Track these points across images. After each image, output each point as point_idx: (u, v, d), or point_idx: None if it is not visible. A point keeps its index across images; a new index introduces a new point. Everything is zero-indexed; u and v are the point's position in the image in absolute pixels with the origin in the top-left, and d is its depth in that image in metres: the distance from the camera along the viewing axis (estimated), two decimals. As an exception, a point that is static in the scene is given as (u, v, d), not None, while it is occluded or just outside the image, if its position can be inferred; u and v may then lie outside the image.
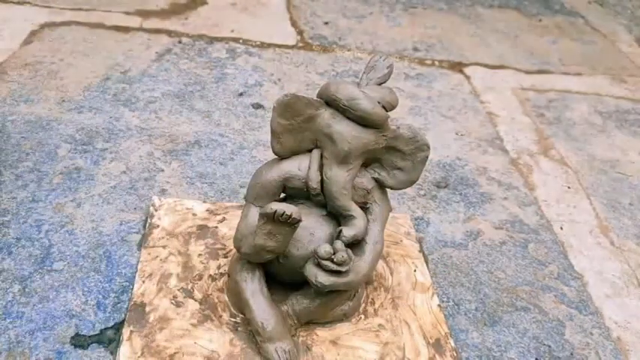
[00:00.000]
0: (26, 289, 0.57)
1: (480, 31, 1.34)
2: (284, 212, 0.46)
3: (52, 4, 1.12)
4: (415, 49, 1.20)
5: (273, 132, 0.50)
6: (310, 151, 0.52)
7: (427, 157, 0.53)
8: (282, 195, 0.54)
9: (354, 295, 0.58)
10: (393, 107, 0.51)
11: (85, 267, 0.61)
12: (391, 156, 0.53)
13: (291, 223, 0.48)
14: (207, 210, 0.69)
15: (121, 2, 1.17)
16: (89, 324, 0.55)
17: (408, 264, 0.66)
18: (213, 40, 1.10)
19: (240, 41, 1.12)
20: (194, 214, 0.68)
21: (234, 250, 0.55)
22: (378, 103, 0.49)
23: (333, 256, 0.50)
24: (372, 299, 0.61)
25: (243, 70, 1.02)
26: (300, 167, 0.52)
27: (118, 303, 0.57)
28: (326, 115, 0.51)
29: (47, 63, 0.94)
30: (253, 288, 0.54)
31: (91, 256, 0.62)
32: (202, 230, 0.66)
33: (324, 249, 0.50)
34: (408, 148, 0.52)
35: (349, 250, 0.51)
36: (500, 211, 0.80)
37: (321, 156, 0.52)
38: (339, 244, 0.50)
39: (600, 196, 0.86)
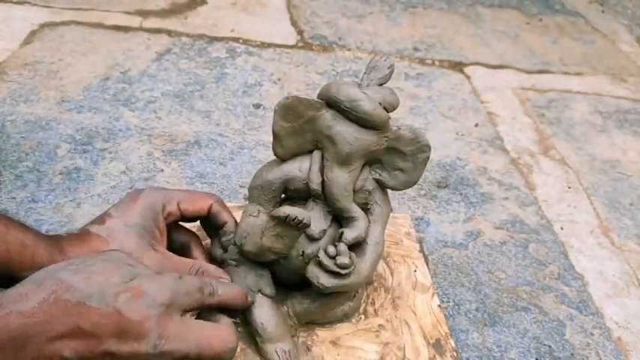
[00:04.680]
0: (26, 290, 0.57)
1: (481, 31, 1.34)
2: (296, 217, 0.47)
3: (52, 4, 1.12)
4: (415, 49, 1.20)
5: (275, 135, 0.50)
6: (311, 152, 0.52)
7: (428, 158, 0.52)
8: (282, 196, 0.54)
9: (355, 295, 0.58)
10: (394, 108, 0.51)
11: (85, 267, 0.60)
12: (392, 157, 0.52)
13: (301, 228, 0.48)
14: (207, 210, 0.69)
15: (120, 2, 1.17)
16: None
17: (408, 264, 0.66)
18: (213, 39, 1.10)
19: (240, 41, 1.12)
20: (194, 215, 0.68)
21: (235, 251, 0.55)
22: (380, 104, 0.49)
23: (335, 258, 0.50)
24: (373, 299, 0.61)
25: (243, 70, 1.02)
26: (301, 169, 0.52)
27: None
28: (327, 117, 0.50)
29: (47, 63, 0.94)
30: (253, 288, 0.54)
31: (91, 256, 0.62)
32: (202, 230, 0.65)
33: (328, 251, 0.50)
34: (409, 149, 0.52)
35: (353, 255, 0.51)
36: (500, 211, 0.80)
37: (322, 157, 0.52)
38: (342, 247, 0.50)
39: (601, 196, 0.86)
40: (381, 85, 0.52)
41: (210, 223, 0.56)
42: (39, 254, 0.47)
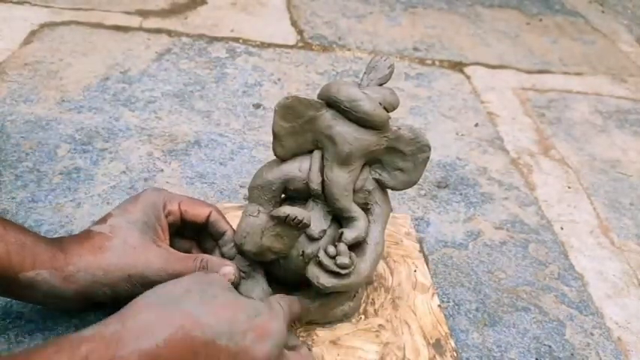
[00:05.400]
0: (26, 290, 0.57)
1: (481, 31, 1.34)
2: (295, 217, 0.47)
3: (52, 4, 1.12)
4: (415, 49, 1.20)
5: (275, 135, 0.50)
6: (311, 152, 0.52)
7: (428, 158, 0.53)
8: (282, 196, 0.54)
9: (355, 295, 0.58)
10: (394, 108, 0.51)
11: (85, 267, 0.60)
12: (392, 157, 0.52)
13: (301, 228, 0.48)
14: (207, 210, 0.69)
15: (120, 2, 1.17)
16: (88, 324, 0.55)
17: (408, 264, 0.66)
18: (213, 39, 1.10)
19: (240, 41, 1.12)
20: (194, 215, 0.68)
21: (234, 251, 0.55)
22: (380, 104, 0.49)
23: (335, 258, 0.50)
24: (373, 299, 0.61)
25: (243, 70, 1.02)
26: (301, 169, 0.52)
27: (118, 303, 0.57)
28: (327, 117, 0.50)
29: (47, 63, 0.94)
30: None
31: (91, 256, 0.62)
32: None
33: (328, 251, 0.50)
34: (409, 149, 0.52)
35: (353, 255, 0.51)
36: (500, 211, 0.80)
37: (322, 157, 0.52)
38: (342, 247, 0.50)
39: (601, 196, 0.86)
40: (381, 85, 0.52)
41: (209, 233, 0.56)
42: (40, 254, 0.47)
